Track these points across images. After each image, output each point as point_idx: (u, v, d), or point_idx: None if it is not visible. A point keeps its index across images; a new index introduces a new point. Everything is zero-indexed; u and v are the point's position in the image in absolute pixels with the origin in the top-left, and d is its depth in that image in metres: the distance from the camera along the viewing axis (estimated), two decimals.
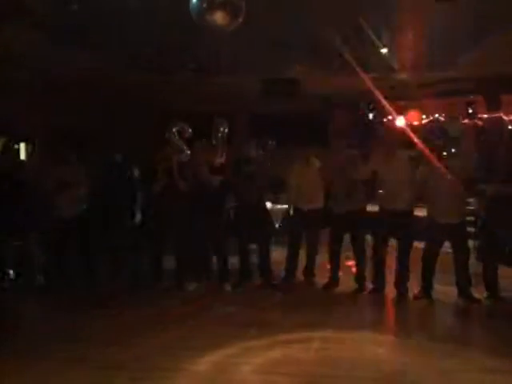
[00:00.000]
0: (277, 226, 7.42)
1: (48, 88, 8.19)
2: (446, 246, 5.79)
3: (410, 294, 5.81)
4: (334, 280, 6.25)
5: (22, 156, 8.99)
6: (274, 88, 8.51)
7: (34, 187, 6.33)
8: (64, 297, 5.79)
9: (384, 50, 7.14)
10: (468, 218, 6.22)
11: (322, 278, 6.34)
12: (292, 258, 6.40)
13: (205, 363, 3.97)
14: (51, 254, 6.50)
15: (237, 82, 9.00)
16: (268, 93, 8.63)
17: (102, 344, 4.37)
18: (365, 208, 6.28)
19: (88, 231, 6.37)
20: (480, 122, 10.05)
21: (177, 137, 6.61)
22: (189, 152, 6.58)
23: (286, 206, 6.97)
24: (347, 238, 6.24)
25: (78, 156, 6.50)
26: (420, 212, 6.05)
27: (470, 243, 6.01)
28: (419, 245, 5.89)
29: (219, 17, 3.97)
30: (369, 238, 6.23)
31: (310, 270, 6.42)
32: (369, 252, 6.14)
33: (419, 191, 5.78)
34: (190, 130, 6.76)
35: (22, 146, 8.98)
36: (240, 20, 4.09)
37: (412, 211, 5.93)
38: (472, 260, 5.83)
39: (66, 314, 5.24)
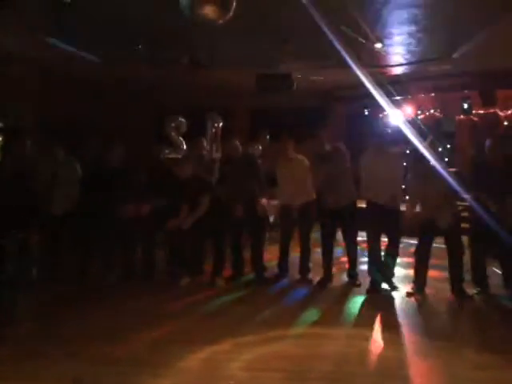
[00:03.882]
0: (271, 220, 7.38)
1: (43, 80, 8.16)
2: (441, 242, 5.78)
3: (403, 290, 5.82)
4: (327, 276, 6.23)
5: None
6: (269, 83, 8.45)
7: (31, 180, 6.29)
8: (56, 292, 5.76)
9: (379, 45, 7.11)
10: (463, 214, 6.20)
11: (316, 275, 6.30)
12: (284, 255, 6.37)
13: (196, 359, 3.96)
14: (45, 248, 6.47)
15: (232, 76, 8.97)
16: (263, 88, 8.58)
17: (93, 339, 4.36)
18: (354, 203, 6.19)
19: (80, 226, 6.34)
20: (475, 118, 10.04)
21: (175, 132, 6.55)
22: (185, 147, 6.53)
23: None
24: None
25: (70, 150, 6.45)
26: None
27: (465, 239, 5.97)
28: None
29: (209, 10, 3.95)
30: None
31: (304, 267, 6.36)
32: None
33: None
34: (186, 124, 6.70)
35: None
36: (230, 14, 4.07)
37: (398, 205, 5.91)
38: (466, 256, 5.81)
39: (57, 309, 5.23)
